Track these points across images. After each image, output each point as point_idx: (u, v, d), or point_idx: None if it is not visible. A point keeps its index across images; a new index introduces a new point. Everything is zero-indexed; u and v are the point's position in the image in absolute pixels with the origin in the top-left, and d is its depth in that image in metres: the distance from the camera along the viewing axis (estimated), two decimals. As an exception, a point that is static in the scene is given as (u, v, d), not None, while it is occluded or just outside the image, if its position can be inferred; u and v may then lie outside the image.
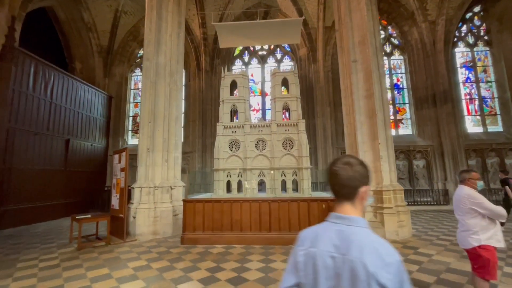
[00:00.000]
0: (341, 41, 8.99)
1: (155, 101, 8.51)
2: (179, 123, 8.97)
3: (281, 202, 6.60)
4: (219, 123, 8.35)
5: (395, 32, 16.30)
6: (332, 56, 15.77)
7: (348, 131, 8.45)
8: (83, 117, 13.99)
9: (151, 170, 8.12)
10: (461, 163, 13.71)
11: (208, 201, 6.81)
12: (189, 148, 15.79)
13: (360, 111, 8.06)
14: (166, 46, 8.92)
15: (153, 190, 7.93)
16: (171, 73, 8.95)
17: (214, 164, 8.29)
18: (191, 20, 15.85)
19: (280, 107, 8.40)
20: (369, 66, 8.05)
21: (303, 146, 7.83)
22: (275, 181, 7.87)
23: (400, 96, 16.12)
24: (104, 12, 15.75)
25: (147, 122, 8.34)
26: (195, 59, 16.27)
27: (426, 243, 6.44)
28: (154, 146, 8.27)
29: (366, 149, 7.85)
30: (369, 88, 8.00)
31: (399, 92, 16.14)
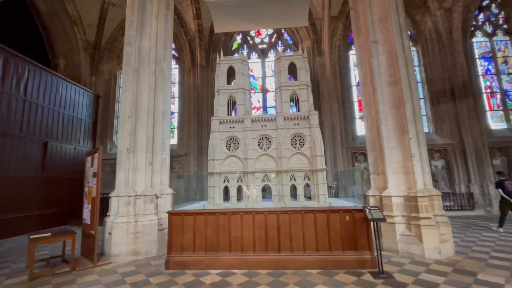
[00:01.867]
0: (356, 20, 7.65)
1: (138, 92, 7.13)
2: (167, 119, 7.57)
3: (293, 214, 5.18)
4: (214, 117, 6.97)
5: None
6: (339, 49, 14.52)
7: (369, 125, 7.06)
8: (65, 117, 12.59)
9: (131, 175, 6.70)
10: (486, 163, 12.31)
11: (200, 213, 5.38)
12: (183, 151, 14.39)
13: (384, 100, 6.69)
14: (151, 29, 7.57)
15: (133, 199, 6.49)
16: (157, 60, 7.58)
17: (208, 167, 6.89)
18: (185, 11, 14.61)
19: (287, 97, 7.03)
20: (393, 47, 6.70)
21: (316, 143, 6.43)
22: (283, 186, 6.46)
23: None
24: (90, 4, 14.46)
25: (127, 117, 6.94)
26: (190, 54, 14.97)
27: (480, 264, 5.00)
28: (135, 146, 6.87)
29: (393, 146, 6.45)
30: (394, 73, 6.64)
31: (413, 87, 14.78)
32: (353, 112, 14.29)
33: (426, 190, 5.96)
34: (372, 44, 7.00)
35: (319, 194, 6.25)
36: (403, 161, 6.29)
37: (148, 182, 6.84)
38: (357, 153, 13.62)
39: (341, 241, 5.03)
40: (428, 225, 5.59)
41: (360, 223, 5.03)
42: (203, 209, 5.55)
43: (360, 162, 13.60)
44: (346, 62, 14.74)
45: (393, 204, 6.11)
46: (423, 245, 5.52)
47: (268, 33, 15.79)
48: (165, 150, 7.40)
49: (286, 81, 7.07)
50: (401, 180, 6.27)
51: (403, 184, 6.23)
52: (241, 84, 7.16)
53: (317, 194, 6.31)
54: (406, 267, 4.97)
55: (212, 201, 6.58)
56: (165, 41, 7.88)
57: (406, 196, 6.07)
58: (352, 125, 14.03)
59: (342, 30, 14.47)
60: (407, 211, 6.00)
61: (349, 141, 13.69)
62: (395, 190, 6.23)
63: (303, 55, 7.32)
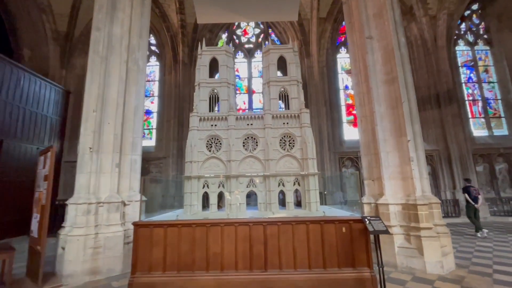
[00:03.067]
0: (350, 16, 7.21)
1: (105, 83, 6.22)
2: (140, 116, 6.67)
3: (282, 225, 4.47)
4: (193, 113, 6.16)
5: (393, 28, 15.03)
6: (327, 51, 14.21)
7: (364, 126, 6.56)
8: (26, 113, 11.19)
9: (94, 178, 5.73)
10: (470, 169, 12.30)
11: (173, 224, 4.54)
12: (162, 153, 13.35)
13: (379, 100, 6.22)
14: (124, 14, 6.71)
15: (95, 207, 5.51)
16: (130, 49, 6.71)
17: (185, 170, 6.05)
18: (167, 5, 13.76)
19: (276, 93, 6.37)
20: (389, 43, 6.29)
21: (308, 144, 5.80)
22: (270, 192, 5.74)
23: (400, 96, 14.72)
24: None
25: (91, 112, 5.99)
26: (171, 50, 14.07)
27: (487, 281, 4.53)
28: (100, 145, 5.92)
29: (390, 149, 5.95)
30: (390, 71, 6.20)
31: (399, 92, 14.74)
32: (341, 116, 13.97)
33: (425, 197, 5.48)
34: (366, 40, 6.56)
35: (311, 202, 5.59)
36: (400, 165, 5.80)
37: (114, 187, 5.88)
38: (344, 158, 13.23)
39: (337, 257, 4.37)
40: (429, 236, 5.08)
41: (359, 236, 4.40)
42: (177, 220, 4.71)
43: (347, 167, 13.22)
44: (334, 65, 14.46)
45: (391, 213, 5.57)
46: (424, 258, 4.98)
47: (255, 33, 15.26)
48: (136, 151, 6.48)
49: (275, 76, 6.42)
50: (399, 186, 5.77)
51: (400, 191, 5.72)
52: (225, 78, 6.42)
53: (308, 202, 5.65)
54: (409, 285, 4.38)
55: (188, 209, 5.72)
56: (140, 29, 7.03)
57: (404, 204, 5.55)
58: (339, 130, 13.67)
59: (331, 33, 14.21)
60: (406, 221, 5.47)
61: (337, 145, 13.29)
62: (392, 197, 5.70)
63: (293, 49, 6.74)
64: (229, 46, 7.04)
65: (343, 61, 14.75)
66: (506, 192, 12.68)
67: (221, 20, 8.38)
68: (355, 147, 13.30)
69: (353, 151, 13.13)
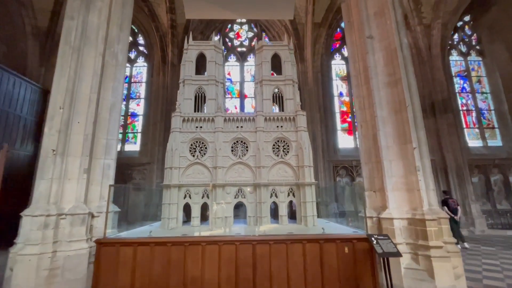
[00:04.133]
0: (348, 15, 6.78)
1: (77, 77, 5.50)
2: (116, 114, 5.94)
3: (274, 244, 3.79)
4: (176, 113, 5.48)
5: (387, 36, 14.90)
6: (322, 57, 13.88)
7: (364, 132, 6.02)
8: (-5, 112, 10.22)
9: (57, 185, 4.93)
10: (467, 180, 11.97)
11: (144, 242, 3.80)
12: (146, 158, 12.51)
13: (381, 103, 5.72)
14: (103, 2, 6.06)
15: (55, 220, 4.69)
16: (108, 41, 6.03)
17: (164, 177, 5.31)
18: (157, 4, 13.18)
19: (269, 93, 5.78)
20: (392, 43, 5.85)
21: (304, 150, 5.19)
22: (261, 204, 5.06)
23: (395, 104, 14.46)
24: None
25: (57, 108, 5.22)
26: (160, 51, 13.44)
27: (508, 310, 3.92)
28: (67, 148, 5.15)
29: (393, 157, 5.41)
30: (393, 72, 5.74)
31: (394, 101, 14.48)
32: (335, 123, 13.53)
33: (433, 211, 4.92)
34: (367, 40, 6.11)
35: (307, 215, 4.94)
36: (405, 175, 5.25)
37: (81, 196, 5.07)
38: (339, 167, 12.71)
39: (338, 282, 3.71)
40: (440, 256, 4.48)
41: (363, 257, 3.77)
42: (149, 237, 3.95)
43: (341, 176, 12.69)
44: (328, 71, 14.12)
45: (395, 229, 4.97)
46: (436, 282, 4.37)
47: (248, 36, 14.84)
48: (111, 154, 5.72)
49: (269, 75, 5.85)
50: (404, 198, 5.20)
51: (406, 204, 5.15)
52: (213, 75, 5.79)
53: (304, 215, 4.99)
54: (422, 316, 3.73)
55: (166, 223, 4.95)
56: (121, 19, 6.38)
57: (410, 218, 4.97)
58: (333, 137, 13.20)
59: (325, 38, 13.92)
60: (413, 238, 4.88)
61: (331, 153, 12.78)
62: (396, 210, 5.11)
63: (289, 46, 6.22)
64: (218, 41, 6.45)
65: (337, 68, 14.45)
66: (502, 204, 12.39)
67: (211, 16, 7.82)
68: (349, 155, 12.85)
69: (347, 160, 12.66)
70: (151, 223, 6.98)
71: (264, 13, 7.69)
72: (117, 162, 12.87)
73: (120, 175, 12.55)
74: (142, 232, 4.56)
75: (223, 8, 7.22)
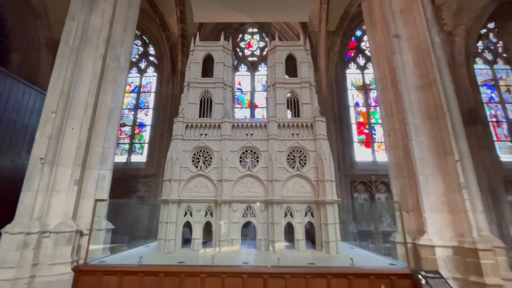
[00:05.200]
0: (370, 14, 6.20)
1: (74, 79, 5.09)
2: (115, 121, 5.43)
3: (291, 278, 3.01)
4: (178, 118, 4.91)
5: (405, 44, 14.20)
6: (336, 66, 13.26)
7: (392, 142, 5.24)
8: (2, 121, 10.04)
9: (42, 198, 4.38)
10: (502, 199, 10.72)
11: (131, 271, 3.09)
12: (152, 170, 12.00)
13: (412, 109, 4.97)
14: (107, 3, 5.73)
15: (36, 238, 4.09)
16: (111, 43, 5.65)
17: (163, 191, 4.67)
18: (168, 14, 13.13)
19: (283, 97, 5.15)
20: (423, 42, 5.18)
21: (324, 162, 4.45)
22: (274, 225, 4.30)
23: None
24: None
25: (50, 113, 4.76)
26: (170, 60, 13.23)
27: None
28: (57, 156, 4.64)
29: (430, 172, 4.58)
30: (426, 74, 5.02)
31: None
32: (351, 135, 12.68)
33: (485, 238, 4.00)
34: (393, 40, 5.45)
35: (329, 240, 4.12)
36: (446, 193, 4.40)
37: (69, 211, 4.48)
38: (356, 182, 11.74)
39: (374, 333, 2.84)
40: (501, 298, 3.54)
41: (407, 300, 2.91)
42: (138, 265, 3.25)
43: (359, 192, 11.69)
44: (343, 80, 13.45)
45: (438, 259, 4.07)
46: (498, 333, 3.40)
47: (260, 46, 14.52)
48: (107, 164, 5.16)
49: (283, 77, 5.24)
50: (446, 221, 4.32)
51: (449, 228, 4.26)
52: (220, 77, 5.25)
53: (326, 240, 4.18)
54: None
55: (162, 245, 4.24)
56: (125, 21, 6.02)
57: (457, 247, 4.07)
58: (350, 150, 12.32)
59: (339, 47, 13.37)
60: (461, 271, 3.95)
61: (347, 167, 11.86)
62: (438, 236, 4.23)
63: (305, 47, 5.64)
64: (227, 42, 5.96)
65: (353, 77, 13.77)
66: (543, 228, 10.95)
67: (220, 19, 7.44)
68: (368, 169, 11.90)
69: (366, 174, 11.69)
70: (154, 241, 6.30)
71: (277, 16, 7.23)
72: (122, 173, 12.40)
73: (124, 188, 12.06)
74: (131, 257, 3.87)
75: (234, 10, 6.82)
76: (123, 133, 13.14)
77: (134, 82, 13.96)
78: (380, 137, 12.67)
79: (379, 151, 12.42)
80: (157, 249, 4.40)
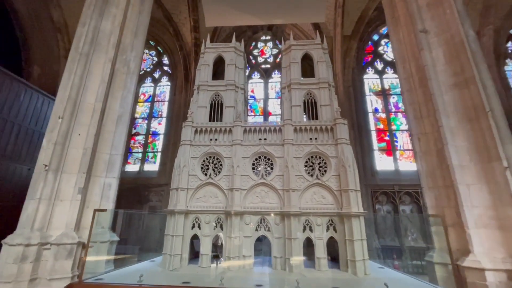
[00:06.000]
0: (392, 10, 5.76)
1: (82, 84, 4.94)
2: (123, 127, 5.22)
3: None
4: (187, 122, 4.63)
5: (426, 47, 13.52)
6: (353, 71, 12.78)
7: (423, 147, 4.66)
8: (21, 130, 10.24)
9: (45, 207, 4.15)
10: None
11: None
12: (164, 179, 11.81)
13: (446, 110, 4.41)
14: (118, 8, 5.66)
15: (36, 250, 3.83)
16: (121, 48, 5.54)
17: (169, 201, 4.32)
18: (182, 24, 13.27)
19: (299, 99, 4.74)
20: (456, 35, 4.67)
21: (348, 169, 3.97)
22: (291, 241, 3.81)
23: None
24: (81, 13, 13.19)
25: (57, 119, 4.61)
26: (184, 69, 13.27)
27: None
28: (62, 163, 4.44)
29: (472, 181, 3.96)
30: (461, 71, 4.47)
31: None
32: (371, 142, 11.98)
33: (547, 261, 3.31)
34: (420, 35, 4.96)
35: (355, 259, 3.57)
36: (494, 206, 3.76)
37: (72, 221, 4.22)
38: (378, 193, 10.95)
39: None
40: None
41: None
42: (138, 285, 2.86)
43: (382, 204, 10.88)
44: (361, 86, 12.90)
45: (489, 285, 3.41)
46: None
47: (273, 53, 14.31)
48: (113, 172, 4.91)
49: (299, 77, 4.86)
50: (495, 239, 3.66)
51: (500, 248, 3.60)
52: (232, 79, 4.94)
53: (352, 259, 3.63)
54: None
55: (167, 261, 3.86)
56: (136, 26, 5.92)
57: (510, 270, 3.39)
58: (370, 158, 11.61)
59: (356, 52, 12.91)
60: (519, 303, 3.26)
61: (368, 176, 11.13)
62: (487, 257, 3.57)
63: (322, 45, 5.25)
64: (239, 44, 5.69)
65: (370, 82, 13.18)
66: None
67: (233, 22, 7.25)
68: (390, 179, 11.12)
69: (388, 184, 10.90)
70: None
71: (291, 17, 6.93)
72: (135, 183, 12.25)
73: (137, 196, 11.94)
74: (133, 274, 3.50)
75: (246, 13, 6.60)
76: (137, 142, 13.16)
77: (148, 92, 14.09)
78: (402, 145, 11.91)
79: (402, 159, 11.63)
80: (161, 265, 4.01)
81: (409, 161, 11.45)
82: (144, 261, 4.65)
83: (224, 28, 13.18)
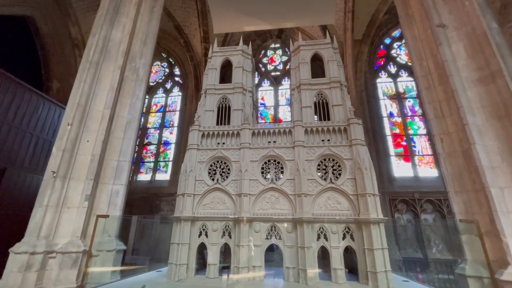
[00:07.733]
0: (405, 7, 5.53)
1: (91, 91, 4.98)
2: (132, 133, 5.18)
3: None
4: (194, 126, 4.51)
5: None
6: (365, 75, 12.47)
7: (447, 148, 4.31)
8: (39, 142, 10.55)
9: (52, 215, 4.10)
10: None
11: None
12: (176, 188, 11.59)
13: (471, 107, 4.07)
14: (127, 18, 5.76)
15: (41, 259, 3.75)
16: (130, 56, 5.60)
17: (176, 207, 4.16)
18: (192, 35, 13.55)
19: (309, 100, 4.54)
20: (478, 27, 4.38)
21: (365, 171, 3.69)
22: (305, 250, 3.52)
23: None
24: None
25: (66, 126, 4.63)
26: (194, 79, 13.43)
27: None
28: (70, 169, 4.41)
29: (507, 184, 3.58)
30: (485, 64, 4.15)
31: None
32: (387, 148, 11.48)
33: None
34: (437, 30, 4.70)
35: (377, 271, 3.23)
36: (533, 212, 3.33)
37: (78, 229, 4.13)
38: (397, 200, 10.36)
39: None
40: None
41: None
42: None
43: (401, 212, 10.27)
44: (374, 90, 12.52)
45: (535, 303, 2.96)
46: None
47: (282, 60, 14.28)
48: (121, 179, 4.84)
49: (309, 78, 4.67)
50: (538, 250, 3.21)
51: (544, 260, 3.15)
52: (239, 82, 4.83)
53: (372, 271, 3.29)
54: None
55: (173, 271, 3.66)
56: (145, 35, 5.99)
57: (561, 286, 2.94)
58: (387, 164, 11.09)
59: (367, 56, 12.64)
60: None
61: (385, 183, 10.60)
62: (529, 270, 3.13)
63: (332, 45, 5.08)
64: (246, 46, 5.62)
65: (384, 86, 12.79)
66: None
67: (241, 27, 7.22)
68: (409, 186, 10.52)
69: (407, 192, 10.32)
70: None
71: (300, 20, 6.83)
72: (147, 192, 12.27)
73: (148, 206, 11.93)
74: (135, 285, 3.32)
75: (255, 17, 6.57)
76: (149, 152, 13.29)
77: (160, 102, 14.33)
78: (421, 150, 11.33)
79: (421, 165, 11.03)
80: (167, 275, 3.82)
81: (429, 167, 10.84)
82: (146, 272, 4.48)
83: (234, 38, 13.32)
